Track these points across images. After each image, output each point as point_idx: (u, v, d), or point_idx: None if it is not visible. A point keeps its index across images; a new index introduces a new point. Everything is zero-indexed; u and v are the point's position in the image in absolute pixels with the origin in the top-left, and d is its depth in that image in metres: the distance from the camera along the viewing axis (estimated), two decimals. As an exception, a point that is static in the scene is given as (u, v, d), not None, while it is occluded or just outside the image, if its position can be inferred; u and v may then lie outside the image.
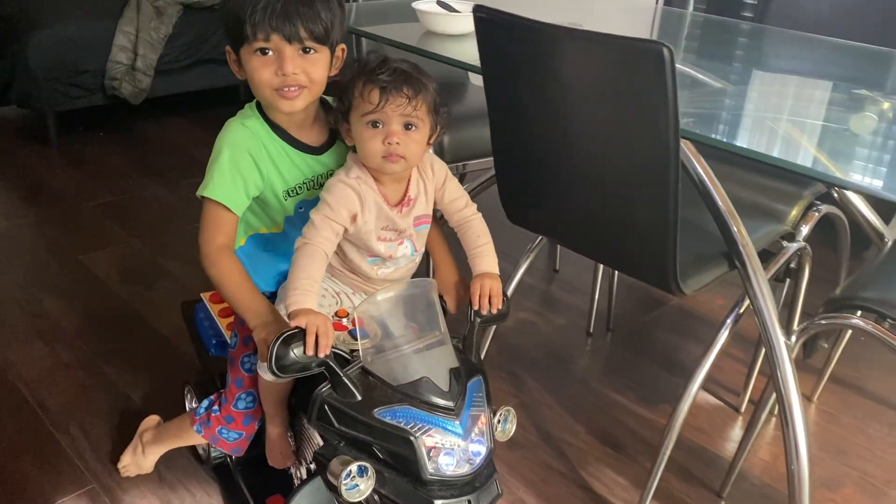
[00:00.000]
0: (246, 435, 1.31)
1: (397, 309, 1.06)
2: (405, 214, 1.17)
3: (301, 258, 1.08)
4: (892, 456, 1.72)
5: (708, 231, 1.43)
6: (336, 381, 1.03)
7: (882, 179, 1.19)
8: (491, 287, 1.16)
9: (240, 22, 1.05)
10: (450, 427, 1.01)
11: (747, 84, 1.77)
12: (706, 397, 1.88)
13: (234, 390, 1.28)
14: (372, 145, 1.08)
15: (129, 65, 3.10)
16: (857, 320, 1.31)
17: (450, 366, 1.05)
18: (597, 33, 1.13)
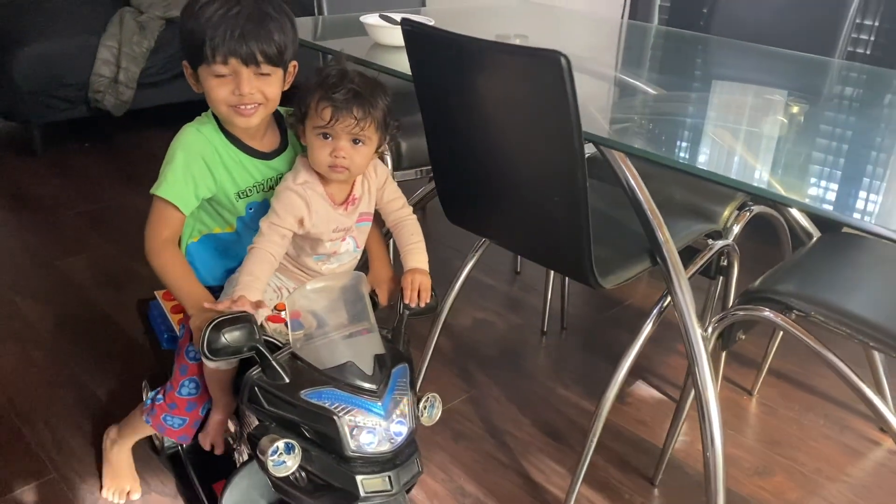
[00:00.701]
0: (190, 421, 1.36)
1: (327, 299, 1.14)
2: (350, 213, 1.25)
3: (248, 260, 1.17)
4: (824, 446, 1.79)
5: (634, 230, 1.51)
6: (265, 365, 1.10)
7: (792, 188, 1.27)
8: (421, 282, 1.25)
9: (199, 44, 1.12)
10: (372, 408, 1.08)
11: (683, 90, 1.85)
12: (650, 391, 1.95)
13: (178, 377, 1.34)
14: (320, 155, 1.17)
15: (112, 78, 3.20)
16: (767, 312, 1.38)
17: (375, 352, 1.12)
18: (504, 44, 1.21)
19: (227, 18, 1.11)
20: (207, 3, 1.13)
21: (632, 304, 2.34)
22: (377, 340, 1.15)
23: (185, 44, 1.16)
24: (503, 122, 1.31)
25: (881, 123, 1.62)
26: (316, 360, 1.11)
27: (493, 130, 1.34)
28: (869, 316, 1.33)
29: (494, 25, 2.39)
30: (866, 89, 1.90)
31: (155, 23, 3.34)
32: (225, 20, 1.11)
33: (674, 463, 1.70)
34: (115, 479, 1.55)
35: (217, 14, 1.11)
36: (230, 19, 1.11)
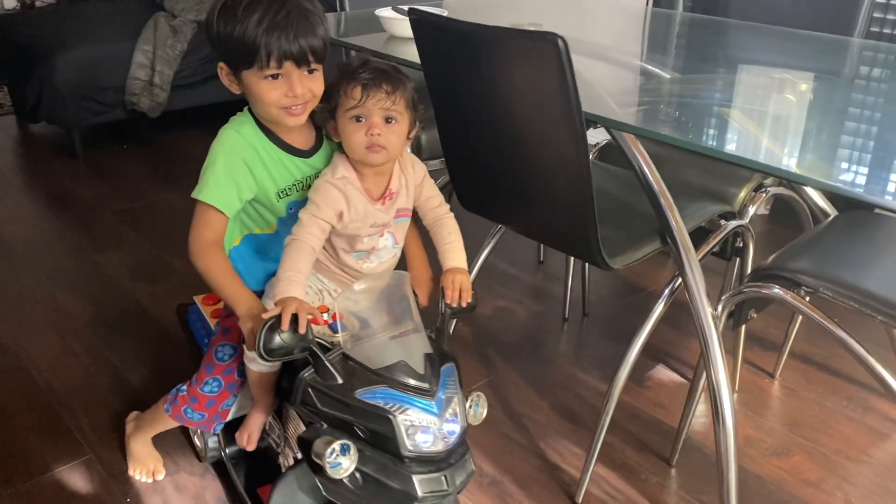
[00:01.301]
0: (209, 417, 1.40)
1: (374, 300, 1.14)
2: (388, 208, 1.25)
3: (289, 252, 1.16)
4: (846, 427, 1.77)
5: (646, 212, 1.52)
6: (319, 366, 1.10)
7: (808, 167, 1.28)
8: (462, 281, 1.25)
9: (249, 48, 1.10)
10: (426, 407, 1.08)
11: (699, 74, 1.86)
12: (669, 374, 1.96)
13: (203, 374, 1.37)
14: (356, 138, 1.18)
15: (148, 80, 3.30)
16: (777, 290, 1.38)
17: (424, 351, 1.13)
18: (503, 29, 1.24)
19: (278, 22, 1.10)
20: (251, 6, 1.10)
21: (655, 291, 2.34)
22: (424, 340, 1.15)
23: (227, 48, 1.14)
24: (507, 106, 1.34)
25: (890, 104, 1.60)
26: (367, 360, 1.11)
27: (498, 115, 1.37)
28: (880, 291, 1.32)
29: (512, 15, 2.41)
30: (889, 68, 1.88)
31: (188, 26, 3.44)
32: (276, 23, 1.10)
33: (692, 444, 1.71)
34: (138, 463, 1.60)
35: (266, 17, 1.10)
36: (281, 22, 1.10)
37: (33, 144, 3.63)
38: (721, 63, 2.01)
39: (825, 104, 1.54)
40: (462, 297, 1.24)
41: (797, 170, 1.18)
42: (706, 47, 2.19)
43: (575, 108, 1.21)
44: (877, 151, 1.31)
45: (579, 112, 1.22)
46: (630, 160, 1.47)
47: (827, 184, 1.14)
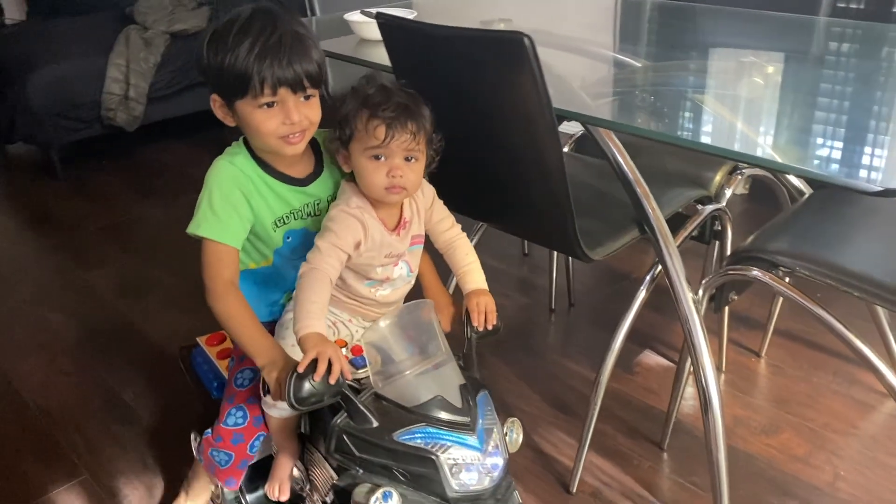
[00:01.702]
0: (236, 459, 1.27)
1: (401, 333, 1.08)
2: (403, 237, 1.20)
3: (307, 283, 1.08)
4: (832, 401, 1.80)
5: (620, 200, 1.54)
6: (352, 409, 1.04)
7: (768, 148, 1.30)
8: (487, 304, 1.22)
9: (241, 77, 1.06)
10: (468, 442, 1.03)
11: (672, 61, 1.87)
12: (657, 359, 1.98)
13: (225, 407, 1.27)
14: (375, 178, 1.12)
15: (123, 95, 3.29)
16: (755, 271, 1.40)
17: (458, 383, 1.08)
18: (469, 30, 1.25)
19: (270, 48, 1.06)
20: (241, 34, 1.07)
21: (639, 278, 2.34)
22: (457, 369, 1.10)
23: (218, 79, 1.09)
24: (478, 105, 1.35)
25: (878, 77, 1.62)
26: (400, 398, 1.05)
27: (471, 115, 1.38)
28: (855, 267, 1.34)
29: (481, 12, 2.42)
30: (858, 44, 1.90)
31: (160, 38, 3.43)
32: (269, 49, 1.06)
33: (682, 427, 1.73)
34: None
35: (258, 44, 1.06)
36: (273, 48, 1.06)
37: (11, 165, 3.61)
38: (691, 49, 2.02)
39: (796, 85, 1.56)
40: (488, 320, 1.20)
41: (771, 154, 1.20)
42: (676, 33, 2.21)
43: (545, 104, 1.22)
44: (848, 131, 1.33)
45: (550, 108, 1.23)
46: (604, 151, 1.48)
47: (799, 168, 1.16)
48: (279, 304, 1.30)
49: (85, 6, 3.83)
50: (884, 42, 1.93)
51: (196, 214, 1.15)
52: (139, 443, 1.76)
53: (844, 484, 1.58)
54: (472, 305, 1.21)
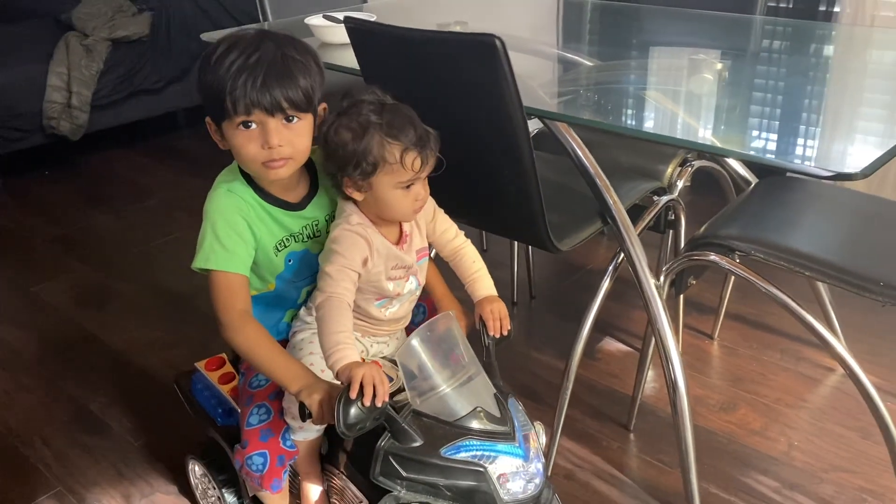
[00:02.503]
0: (272, 458, 1.20)
1: (432, 348, 1.07)
2: (407, 250, 1.21)
3: (328, 313, 1.06)
4: (783, 378, 1.91)
5: (584, 194, 1.61)
6: (396, 430, 1.02)
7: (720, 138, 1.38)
8: (500, 310, 1.23)
9: (220, 96, 1.04)
10: (512, 451, 1.04)
11: (618, 59, 1.96)
12: (617, 345, 2.06)
13: (245, 412, 1.24)
14: (404, 205, 1.13)
15: (65, 103, 3.22)
16: (713, 256, 1.49)
17: (491, 392, 1.09)
18: (442, 32, 1.30)
19: (246, 67, 1.04)
20: (224, 53, 1.05)
21: (594, 268, 2.45)
22: (486, 379, 1.11)
23: (205, 99, 1.08)
24: (449, 106, 1.40)
25: (809, 72, 1.74)
26: (439, 414, 1.05)
27: (441, 115, 1.41)
28: (805, 249, 1.44)
29: (435, 15, 2.47)
30: (789, 41, 2.02)
31: (101, 45, 3.37)
32: (245, 69, 1.03)
33: (645, 408, 1.81)
34: None
35: (236, 64, 1.04)
36: (250, 68, 1.03)
37: (-53, 178, 3.49)
38: (638, 47, 2.11)
39: (746, 80, 1.66)
40: (503, 326, 1.21)
41: (719, 143, 1.29)
42: (622, 33, 2.30)
43: (517, 103, 1.28)
44: (786, 120, 1.43)
45: (521, 107, 1.28)
46: (565, 146, 1.55)
47: (745, 154, 1.24)
48: (284, 323, 1.29)
49: (17, 14, 3.72)
50: (812, 39, 2.06)
51: (201, 248, 1.12)
52: (111, 452, 1.75)
53: (798, 453, 1.68)
54: (486, 313, 1.21)
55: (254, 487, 1.26)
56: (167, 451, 1.73)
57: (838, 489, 1.58)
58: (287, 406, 1.19)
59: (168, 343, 2.14)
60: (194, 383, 1.45)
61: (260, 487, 1.22)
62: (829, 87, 1.65)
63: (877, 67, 1.81)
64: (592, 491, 1.60)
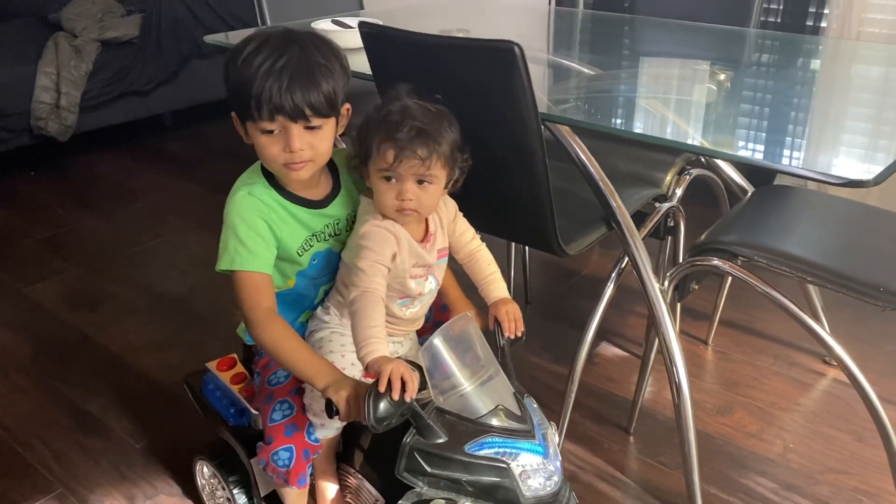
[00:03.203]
0: (297, 450, 1.20)
1: (453, 347, 1.09)
2: (429, 249, 1.22)
3: (362, 307, 1.08)
4: (776, 382, 1.96)
5: (588, 200, 1.63)
6: (422, 426, 1.04)
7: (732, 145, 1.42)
8: (515, 312, 1.25)
9: (245, 99, 1.07)
10: (533, 448, 1.06)
11: (618, 69, 2.00)
12: (615, 350, 2.09)
13: (266, 411, 1.23)
14: (386, 199, 1.14)
15: (54, 104, 3.19)
16: (716, 261, 1.53)
17: (511, 391, 1.11)
18: (461, 39, 1.32)
19: (272, 72, 1.05)
20: (252, 55, 1.06)
21: (588, 274, 2.48)
22: (505, 378, 1.13)
23: (231, 96, 1.10)
24: (463, 110, 1.41)
25: (795, 86, 1.79)
26: (462, 411, 1.06)
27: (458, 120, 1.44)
28: (805, 255, 1.48)
29: (434, 22, 2.49)
30: (780, 54, 2.08)
31: (90, 46, 3.34)
32: (270, 74, 1.05)
33: (644, 411, 1.84)
34: None
35: (262, 68, 1.05)
36: (275, 73, 1.05)
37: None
38: (636, 57, 2.16)
39: (742, 89, 1.71)
40: (517, 327, 1.23)
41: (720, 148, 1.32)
42: (619, 43, 2.34)
43: (532, 109, 1.30)
44: (796, 129, 1.48)
45: (536, 113, 1.31)
46: (570, 153, 1.57)
47: (768, 163, 1.28)
48: (299, 323, 1.30)
49: (5, 13, 3.68)
50: (813, 52, 2.12)
51: (226, 251, 1.13)
52: (112, 454, 1.74)
53: (794, 455, 1.72)
54: (501, 314, 1.24)
55: (279, 484, 1.26)
56: (169, 453, 1.73)
57: (834, 490, 1.62)
58: (309, 403, 1.21)
59: (163, 344, 2.13)
60: (205, 383, 1.45)
61: (286, 483, 1.21)
62: (834, 98, 1.70)
63: (876, 81, 1.87)
64: (596, 492, 1.63)
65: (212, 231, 1.17)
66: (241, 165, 1.22)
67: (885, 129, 1.49)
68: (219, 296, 2.33)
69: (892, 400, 1.86)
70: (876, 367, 1.97)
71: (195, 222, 2.82)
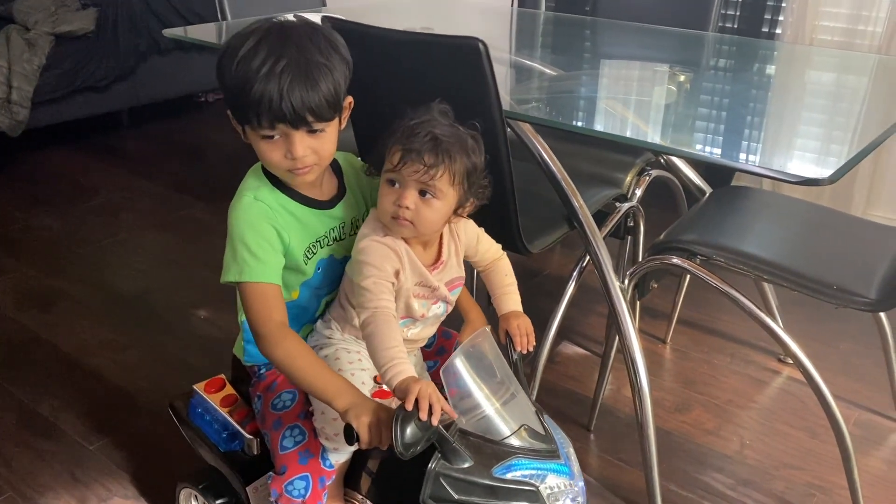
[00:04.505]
0: (314, 480, 1.13)
1: (473, 365, 1.05)
2: (437, 276, 1.16)
3: (377, 328, 1.03)
4: (732, 380, 1.99)
5: (551, 200, 1.64)
6: (447, 450, 0.98)
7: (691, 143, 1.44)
8: (527, 326, 1.22)
9: (242, 105, 1.02)
10: (560, 469, 1.02)
11: (578, 70, 2.02)
12: (575, 349, 2.11)
13: (274, 436, 1.16)
14: (385, 202, 1.09)
15: (5, 98, 3.10)
16: (676, 259, 1.55)
17: (533, 410, 1.08)
18: (426, 35, 1.32)
19: (270, 77, 0.99)
20: (247, 57, 1.00)
21: (549, 274, 2.50)
22: (526, 397, 1.09)
23: (227, 97, 1.04)
24: (428, 107, 1.42)
25: (752, 89, 1.83)
26: (485, 432, 1.02)
27: (420, 116, 1.44)
28: (760, 253, 1.51)
29: (397, 21, 2.49)
30: (738, 58, 2.12)
31: (44, 39, 3.26)
32: (269, 79, 0.99)
33: (605, 409, 1.85)
34: None
35: (260, 73, 0.99)
36: (273, 78, 0.98)
37: None
38: (598, 59, 2.18)
39: (701, 91, 1.73)
40: (529, 342, 1.20)
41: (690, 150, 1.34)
42: (580, 45, 2.36)
43: (497, 107, 1.31)
44: (753, 130, 1.51)
45: (500, 109, 1.31)
46: (533, 152, 1.58)
47: (729, 162, 1.30)
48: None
49: (-47, 4, 3.57)
50: (757, 56, 2.16)
51: (234, 261, 1.07)
52: (64, 456, 1.69)
53: (750, 451, 1.75)
54: (513, 328, 1.20)
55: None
56: (123, 455, 1.69)
57: (789, 485, 1.66)
58: (320, 427, 1.13)
59: (119, 345, 2.08)
60: (193, 407, 1.35)
61: None
62: (789, 101, 1.74)
63: (828, 86, 1.91)
64: (557, 489, 1.63)
65: (170, 230, 1.13)
66: (200, 165, 1.19)
67: (836, 132, 1.52)
68: (177, 295, 2.29)
69: (845, 397, 1.91)
70: (829, 366, 2.02)
71: (153, 221, 2.76)
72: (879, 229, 1.71)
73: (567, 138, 1.73)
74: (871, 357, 2.01)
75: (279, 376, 1.22)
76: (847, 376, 1.99)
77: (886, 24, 2.51)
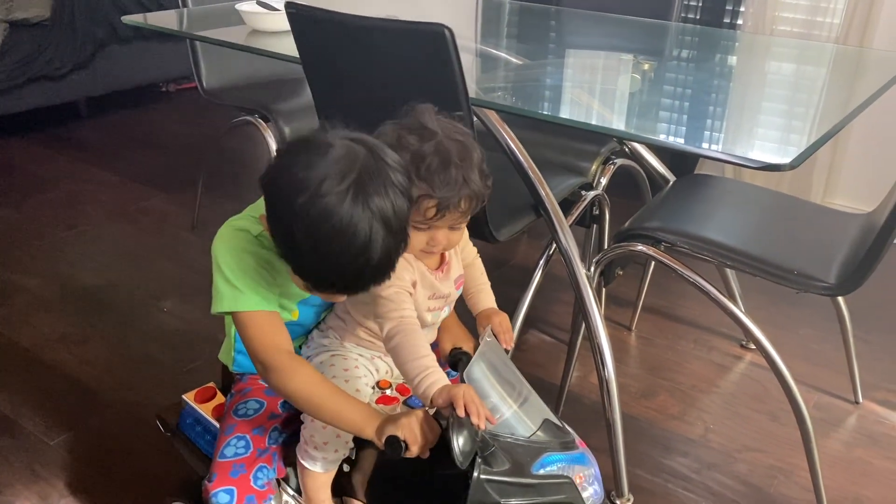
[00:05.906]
0: (238, 494, 1.07)
1: (490, 369, 1.05)
2: (444, 278, 1.15)
3: (405, 337, 1.01)
4: (696, 366, 2.02)
5: (517, 188, 1.65)
6: (489, 454, 0.96)
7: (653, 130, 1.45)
8: (506, 323, 1.22)
9: (313, 273, 0.94)
10: (581, 459, 1.04)
11: (544, 59, 2.02)
12: (542, 337, 2.12)
13: (222, 440, 1.13)
14: (413, 242, 1.04)
15: (-44, 87, 3.01)
16: (640, 246, 1.56)
17: (546, 405, 1.09)
18: (392, 21, 1.31)
19: (357, 272, 0.92)
20: (330, 240, 0.89)
21: (515, 263, 2.50)
22: (536, 395, 1.10)
23: (292, 252, 0.93)
24: (394, 93, 1.41)
25: (714, 78, 1.85)
26: (510, 432, 1.02)
27: (385, 103, 1.42)
28: (723, 240, 1.53)
29: (361, 9, 2.46)
30: (700, 48, 2.14)
31: (-3, 26, 3.17)
32: (355, 275, 0.92)
33: (571, 396, 1.87)
34: None
35: (350, 268, 0.91)
36: (358, 271, 0.91)
37: None
38: (563, 48, 2.19)
39: (664, 80, 1.75)
40: (511, 339, 1.21)
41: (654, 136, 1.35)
42: (546, 34, 2.36)
43: (463, 94, 1.30)
44: (704, 117, 1.53)
45: (467, 98, 1.31)
46: (499, 141, 1.59)
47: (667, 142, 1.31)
48: None
49: None
50: (719, 46, 2.19)
51: (227, 291, 0.99)
52: (24, 452, 1.65)
53: (714, 435, 1.78)
54: (494, 326, 1.20)
55: None
56: (86, 450, 1.66)
57: (751, 468, 1.69)
58: (309, 435, 1.09)
59: (79, 338, 2.04)
60: (183, 418, 1.30)
61: None
62: (750, 89, 1.76)
63: (789, 76, 1.95)
64: (525, 476, 1.64)
65: (130, 222, 1.10)
66: (161, 155, 1.15)
67: (796, 120, 1.55)
68: (138, 287, 2.24)
69: (805, 381, 1.94)
70: (789, 350, 2.06)
71: (113, 213, 2.71)
72: (838, 216, 1.75)
73: (533, 127, 1.73)
74: (830, 342, 2.05)
75: (257, 384, 1.19)
76: (807, 360, 2.03)
77: (844, 16, 2.56)
